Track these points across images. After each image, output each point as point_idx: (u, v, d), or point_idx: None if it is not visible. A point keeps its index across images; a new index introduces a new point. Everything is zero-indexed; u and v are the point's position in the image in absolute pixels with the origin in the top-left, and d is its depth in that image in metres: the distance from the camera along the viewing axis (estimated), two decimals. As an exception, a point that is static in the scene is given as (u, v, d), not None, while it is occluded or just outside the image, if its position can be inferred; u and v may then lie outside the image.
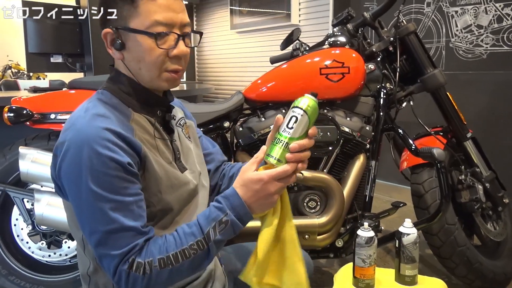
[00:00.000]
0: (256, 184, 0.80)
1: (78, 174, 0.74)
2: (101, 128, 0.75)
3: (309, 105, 0.83)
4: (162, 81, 0.85)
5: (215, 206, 0.81)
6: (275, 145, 0.83)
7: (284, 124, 0.83)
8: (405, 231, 1.22)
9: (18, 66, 4.25)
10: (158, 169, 0.83)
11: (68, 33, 2.58)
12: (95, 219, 0.74)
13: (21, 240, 1.72)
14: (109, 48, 0.85)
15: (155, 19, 0.80)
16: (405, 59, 1.73)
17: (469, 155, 1.78)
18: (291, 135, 0.82)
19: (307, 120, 0.83)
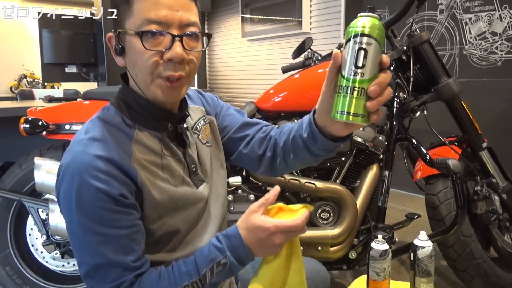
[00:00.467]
0: (262, 232, 0.74)
1: (69, 203, 0.71)
2: (94, 157, 0.70)
3: (378, 28, 0.63)
4: (156, 88, 0.75)
5: (215, 245, 0.76)
6: (346, 97, 0.64)
7: (351, 64, 0.64)
8: (420, 244, 1.20)
9: (33, 75, 4.33)
10: (158, 195, 0.77)
11: (82, 44, 2.62)
12: (84, 251, 0.72)
13: (36, 249, 1.74)
14: (113, 54, 0.79)
15: (146, 17, 0.71)
16: (418, 68, 1.71)
17: (485, 165, 1.75)
18: (367, 76, 0.63)
19: (378, 47, 0.63)
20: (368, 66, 0.63)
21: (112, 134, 0.75)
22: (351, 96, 0.64)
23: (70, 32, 2.53)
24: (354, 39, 0.64)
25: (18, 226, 1.73)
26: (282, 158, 0.93)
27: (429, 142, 1.84)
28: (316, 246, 1.59)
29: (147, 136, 0.79)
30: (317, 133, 0.79)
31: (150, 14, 0.71)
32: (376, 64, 0.64)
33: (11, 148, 2.12)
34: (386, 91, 0.66)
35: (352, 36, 0.64)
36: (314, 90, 1.66)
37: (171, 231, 0.80)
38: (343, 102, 0.65)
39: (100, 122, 0.76)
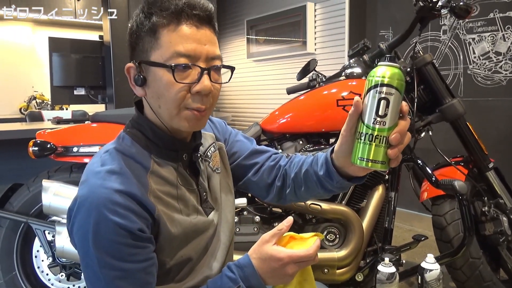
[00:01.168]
0: (274, 262, 0.75)
1: (85, 237, 0.69)
2: (113, 191, 0.69)
3: (398, 78, 0.65)
4: (182, 120, 0.76)
5: (228, 276, 0.76)
6: (366, 144, 0.66)
7: (372, 112, 0.65)
8: (427, 267, 1.19)
9: (43, 96, 4.40)
10: (174, 229, 0.77)
11: (91, 67, 2.68)
12: (100, 285, 0.71)
13: (42, 272, 1.74)
14: (131, 84, 0.79)
15: (176, 50, 0.72)
16: (422, 89, 1.72)
17: (492, 186, 1.74)
18: (388, 125, 0.64)
19: (399, 97, 0.65)
20: (389, 115, 0.64)
21: (129, 166, 0.74)
22: (372, 143, 0.65)
23: (79, 55, 2.58)
24: (375, 89, 0.65)
25: (25, 248, 1.74)
26: (292, 189, 0.94)
27: (435, 162, 1.83)
28: (322, 269, 1.57)
29: (162, 166, 0.79)
30: (334, 172, 0.80)
31: (179, 47, 0.72)
32: (396, 112, 0.65)
33: (20, 170, 2.15)
34: (406, 137, 0.68)
35: (373, 86, 0.66)
36: (319, 112, 1.68)
37: (182, 260, 0.80)
38: (363, 149, 0.66)
39: (118, 154, 0.76)
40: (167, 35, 0.72)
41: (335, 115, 1.64)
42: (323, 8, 3.70)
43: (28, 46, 4.40)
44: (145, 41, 0.74)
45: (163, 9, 0.73)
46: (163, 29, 0.73)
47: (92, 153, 1.65)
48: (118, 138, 0.81)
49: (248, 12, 4.53)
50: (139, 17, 0.75)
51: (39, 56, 4.37)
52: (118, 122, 1.68)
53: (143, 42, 0.75)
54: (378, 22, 3.39)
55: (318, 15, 3.75)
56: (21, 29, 4.33)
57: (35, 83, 4.39)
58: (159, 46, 0.73)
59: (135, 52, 0.77)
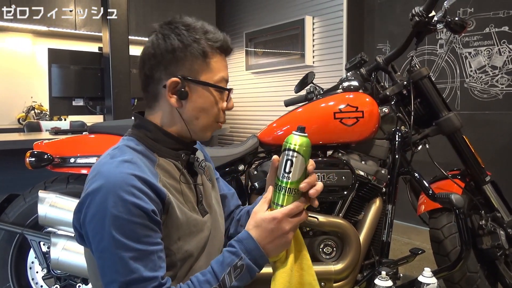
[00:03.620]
0: (270, 223, 0.80)
1: (102, 221, 0.73)
2: (128, 174, 0.75)
3: (300, 144, 0.81)
4: (211, 130, 0.93)
5: (229, 251, 0.81)
6: (279, 193, 0.83)
7: (282, 169, 0.83)
8: (424, 281, 1.18)
9: (41, 107, 4.40)
10: (181, 215, 0.83)
11: (90, 78, 2.69)
12: (115, 269, 0.73)
13: (36, 283, 1.73)
14: (170, 96, 0.86)
15: (223, 76, 0.89)
16: (419, 102, 1.73)
17: (489, 199, 1.74)
18: (291, 180, 0.82)
19: (302, 159, 0.82)
20: (292, 172, 0.82)
21: (139, 158, 0.83)
22: (281, 192, 0.83)
23: (79, 66, 2.59)
24: (285, 152, 0.83)
25: (19, 259, 1.72)
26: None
27: (432, 175, 1.83)
28: (319, 282, 1.56)
29: (166, 162, 0.88)
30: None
31: (225, 73, 0.90)
32: (301, 170, 0.82)
33: (16, 181, 2.14)
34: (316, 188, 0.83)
35: (285, 149, 0.83)
36: (316, 124, 1.68)
37: (186, 256, 0.86)
38: (276, 196, 0.84)
39: (127, 148, 0.84)
40: (216, 62, 0.88)
41: (332, 128, 1.64)
42: (321, 21, 3.74)
43: (28, 57, 4.42)
44: (195, 63, 0.86)
45: (211, 40, 0.87)
46: (213, 57, 0.88)
47: (89, 164, 1.65)
48: (123, 139, 0.89)
49: (247, 25, 4.58)
50: (185, 38, 0.85)
51: (38, 67, 4.39)
52: (116, 133, 1.69)
53: (191, 62, 0.86)
54: (375, 36, 3.43)
55: (316, 28, 3.79)
56: (22, 40, 4.36)
57: (34, 93, 4.40)
58: (210, 70, 0.87)
59: (177, 68, 0.86)
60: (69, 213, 1.52)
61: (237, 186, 1.75)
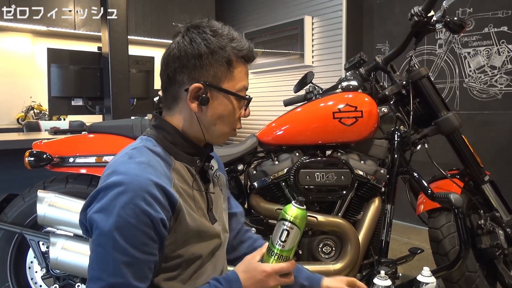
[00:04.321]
0: (259, 274, 0.84)
1: (107, 217, 0.73)
2: (144, 178, 0.75)
3: (297, 217, 0.86)
4: (226, 136, 0.93)
5: (215, 285, 0.83)
6: (270, 257, 0.87)
7: (277, 237, 0.86)
8: (423, 280, 1.18)
9: (40, 107, 4.39)
10: (190, 221, 0.84)
11: (89, 78, 2.68)
12: (105, 268, 0.73)
13: (35, 283, 1.72)
14: (190, 100, 0.86)
15: (244, 84, 0.90)
16: (418, 102, 1.73)
17: (488, 199, 1.74)
18: (285, 248, 0.86)
19: (297, 230, 0.86)
20: (287, 242, 0.86)
21: (156, 160, 0.83)
22: (272, 257, 0.87)
23: (78, 66, 2.59)
24: (282, 221, 0.87)
25: (18, 259, 1.72)
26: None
27: (431, 174, 1.84)
28: (318, 281, 1.56)
29: (181, 166, 0.89)
30: None
31: (246, 82, 0.91)
32: (294, 241, 0.87)
33: (15, 180, 2.14)
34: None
35: (282, 218, 0.87)
36: (315, 124, 1.68)
37: (192, 258, 0.87)
38: (268, 259, 0.87)
39: (145, 149, 0.84)
40: (239, 71, 0.89)
41: (331, 128, 1.64)
42: (321, 21, 3.75)
43: (28, 57, 4.41)
44: (219, 70, 0.86)
45: (236, 48, 0.87)
46: (238, 65, 0.88)
47: (88, 164, 1.65)
48: (140, 139, 0.89)
49: (247, 25, 4.58)
50: (212, 44, 0.85)
51: (38, 67, 4.38)
52: (115, 133, 1.69)
53: (215, 69, 0.86)
54: (374, 36, 3.43)
55: (316, 28, 3.79)
56: (21, 40, 4.35)
57: (33, 93, 4.39)
58: (233, 78, 0.88)
59: (200, 74, 0.86)
60: (68, 212, 1.52)
61: (236, 186, 1.75)
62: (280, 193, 1.69)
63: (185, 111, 0.89)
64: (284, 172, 1.65)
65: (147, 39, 4.53)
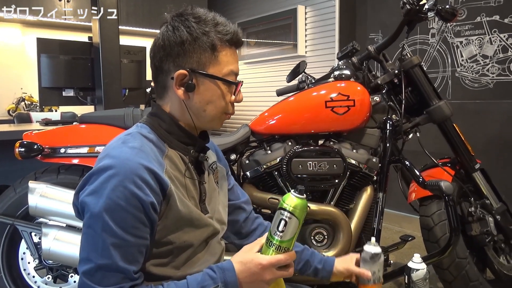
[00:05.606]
0: (255, 266, 0.81)
1: (97, 200, 0.74)
2: (135, 162, 0.76)
3: (295, 206, 0.82)
4: (219, 121, 0.93)
5: (209, 274, 0.81)
6: (269, 248, 0.84)
7: (275, 226, 0.83)
8: (414, 267, 1.20)
9: (31, 98, 4.35)
10: (182, 207, 0.84)
11: (80, 68, 2.66)
12: (94, 249, 0.74)
13: (28, 274, 1.72)
14: (177, 87, 0.87)
15: (231, 69, 0.89)
16: (410, 91, 1.74)
17: (478, 187, 1.76)
18: (282, 239, 0.83)
19: (296, 221, 0.83)
20: (285, 232, 0.82)
21: (149, 146, 0.84)
22: (271, 247, 0.83)
23: (68, 56, 2.56)
24: (280, 210, 0.83)
25: (11, 250, 1.71)
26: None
27: (424, 163, 1.85)
28: (311, 269, 1.57)
29: (175, 154, 0.89)
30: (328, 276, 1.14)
31: (234, 66, 0.90)
32: (293, 231, 0.83)
33: (6, 172, 2.12)
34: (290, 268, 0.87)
35: (281, 208, 0.84)
36: (307, 113, 1.68)
37: (184, 246, 0.87)
38: (266, 251, 0.84)
39: (139, 136, 0.85)
40: (225, 55, 0.88)
41: (323, 117, 1.64)
42: (314, 11, 3.73)
43: (17, 47, 4.36)
44: (203, 55, 0.86)
45: (221, 32, 0.87)
46: (222, 50, 0.87)
47: (80, 154, 1.64)
48: (136, 126, 0.91)
49: (239, 15, 4.55)
50: (194, 31, 0.85)
51: (28, 57, 4.33)
52: (106, 123, 1.67)
53: (199, 55, 0.86)
54: (368, 25, 3.43)
55: (309, 18, 3.77)
56: (10, 30, 4.29)
57: (24, 84, 4.35)
58: (218, 63, 0.87)
59: (185, 61, 0.86)
60: (60, 203, 1.51)
61: (229, 176, 1.75)
62: (272, 182, 1.70)
63: (174, 99, 0.91)
64: (276, 161, 1.65)
65: (139, 29, 4.48)
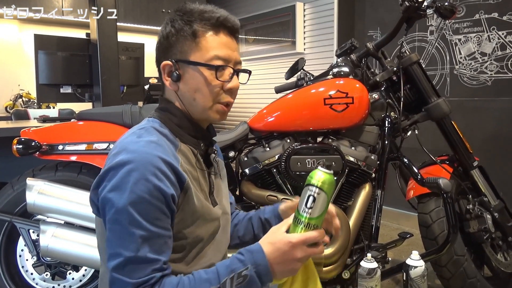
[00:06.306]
0: (285, 245, 0.78)
1: (121, 194, 0.74)
2: (154, 156, 0.77)
3: (323, 181, 0.79)
4: (214, 112, 0.90)
5: (237, 257, 0.79)
6: (297, 226, 0.80)
7: (303, 203, 0.80)
8: (412, 264, 1.20)
9: (29, 95, 4.33)
10: (197, 201, 0.85)
11: (78, 65, 2.64)
12: (122, 243, 0.74)
13: (26, 271, 1.72)
14: (165, 79, 0.90)
15: (216, 54, 0.86)
16: (409, 88, 1.74)
17: (477, 184, 1.76)
18: (311, 216, 0.79)
19: (325, 196, 0.80)
20: (314, 209, 0.80)
21: (164, 140, 0.84)
22: (300, 226, 0.80)
23: (66, 53, 2.55)
24: (308, 186, 0.81)
25: (9, 248, 1.71)
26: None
27: (421, 161, 1.85)
28: (309, 266, 1.57)
29: (187, 148, 0.90)
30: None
31: (218, 51, 0.87)
32: (322, 208, 0.80)
33: (4, 169, 2.11)
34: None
35: (308, 183, 0.81)
36: (306, 110, 1.68)
37: (196, 240, 0.88)
38: (295, 229, 0.81)
39: (153, 130, 0.86)
40: (207, 41, 0.86)
41: (322, 114, 1.64)
42: (312, 8, 3.72)
43: (15, 44, 4.34)
44: (185, 44, 0.87)
45: (204, 19, 0.86)
46: (204, 35, 0.86)
47: (78, 151, 1.63)
48: (147, 121, 0.91)
49: (238, 12, 4.53)
50: (178, 23, 0.87)
51: (25, 54, 4.31)
52: (104, 120, 1.67)
53: (181, 44, 0.87)
54: (366, 22, 3.42)
55: (307, 15, 3.76)
56: (7, 27, 4.27)
57: (21, 81, 4.33)
58: (199, 49, 0.86)
59: (170, 52, 0.88)
60: (58, 200, 1.51)
61: (227, 173, 1.74)
62: (271, 179, 1.70)
63: (170, 93, 0.93)
64: (275, 158, 1.65)
65: (137, 26, 4.46)
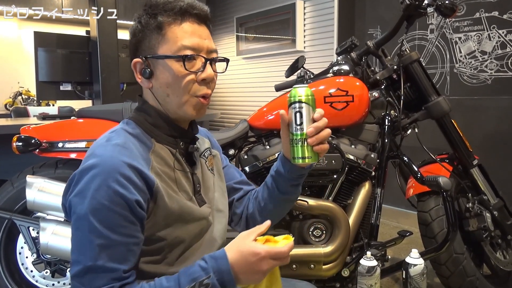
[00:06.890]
0: (252, 256, 0.75)
1: (82, 200, 0.73)
2: (118, 160, 0.75)
3: (302, 94, 0.84)
4: (190, 107, 0.85)
5: (200, 265, 0.76)
6: (296, 146, 0.84)
7: (293, 123, 0.84)
8: (412, 262, 1.21)
9: (29, 92, 4.33)
10: (170, 203, 0.82)
11: (78, 62, 2.64)
12: (83, 250, 0.73)
13: (26, 268, 1.72)
14: (138, 77, 0.87)
15: (183, 44, 0.82)
16: (409, 86, 1.73)
17: (476, 183, 1.76)
18: (303, 131, 0.83)
19: (309, 108, 0.84)
20: (304, 123, 0.83)
21: (133, 142, 0.82)
22: (297, 145, 0.84)
23: (66, 50, 2.55)
24: (292, 105, 0.85)
25: (9, 245, 1.71)
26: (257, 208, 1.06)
27: (422, 158, 1.85)
28: (308, 264, 1.58)
29: (162, 149, 0.87)
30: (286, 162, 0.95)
31: (185, 41, 0.82)
32: (310, 120, 0.84)
33: (4, 166, 2.11)
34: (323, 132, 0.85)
35: (290, 103, 0.85)
36: (306, 108, 1.68)
37: (176, 242, 0.85)
38: (295, 150, 0.85)
39: (123, 132, 0.84)
40: (173, 31, 0.82)
41: (322, 112, 1.64)
42: (312, 6, 3.71)
43: (14, 41, 4.34)
44: (152, 38, 0.84)
45: (168, 9, 0.83)
46: (169, 26, 0.83)
47: (78, 149, 1.63)
48: (122, 122, 0.89)
49: (238, 10, 4.53)
50: (143, 18, 0.85)
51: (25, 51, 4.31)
52: (104, 117, 1.67)
53: (149, 39, 0.84)
54: (366, 21, 3.42)
55: (307, 13, 3.76)
56: (7, 24, 4.27)
57: (21, 78, 4.33)
58: (166, 41, 0.82)
59: (140, 49, 0.86)
60: (58, 197, 1.51)
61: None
62: (271, 177, 1.70)
63: (145, 92, 0.90)
64: (275, 156, 1.65)
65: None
